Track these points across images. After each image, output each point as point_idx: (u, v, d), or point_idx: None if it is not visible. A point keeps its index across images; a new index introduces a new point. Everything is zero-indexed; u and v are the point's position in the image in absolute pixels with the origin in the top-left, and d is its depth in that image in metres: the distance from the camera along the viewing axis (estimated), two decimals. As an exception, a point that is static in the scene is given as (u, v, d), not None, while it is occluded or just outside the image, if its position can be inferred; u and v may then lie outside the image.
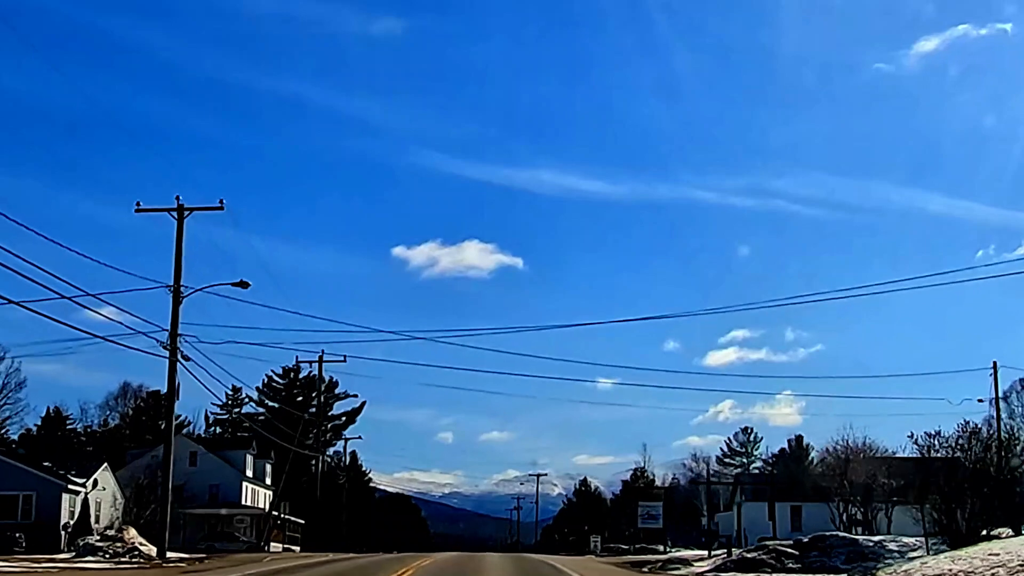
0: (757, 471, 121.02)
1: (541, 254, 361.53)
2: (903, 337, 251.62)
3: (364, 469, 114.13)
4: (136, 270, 73.54)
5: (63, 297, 31.16)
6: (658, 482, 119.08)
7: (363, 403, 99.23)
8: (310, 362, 75.38)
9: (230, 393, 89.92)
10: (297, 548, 76.84)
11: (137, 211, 41.56)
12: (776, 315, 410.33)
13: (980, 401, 60.76)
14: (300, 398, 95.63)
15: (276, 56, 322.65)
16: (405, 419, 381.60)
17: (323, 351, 72.34)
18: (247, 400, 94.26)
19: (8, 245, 26.83)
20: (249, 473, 78.26)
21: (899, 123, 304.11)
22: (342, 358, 71.40)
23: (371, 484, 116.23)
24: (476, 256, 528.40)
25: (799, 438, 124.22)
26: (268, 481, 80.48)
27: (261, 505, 78.23)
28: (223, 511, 72.84)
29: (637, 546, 74.80)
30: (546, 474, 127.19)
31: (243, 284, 41.18)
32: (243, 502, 75.82)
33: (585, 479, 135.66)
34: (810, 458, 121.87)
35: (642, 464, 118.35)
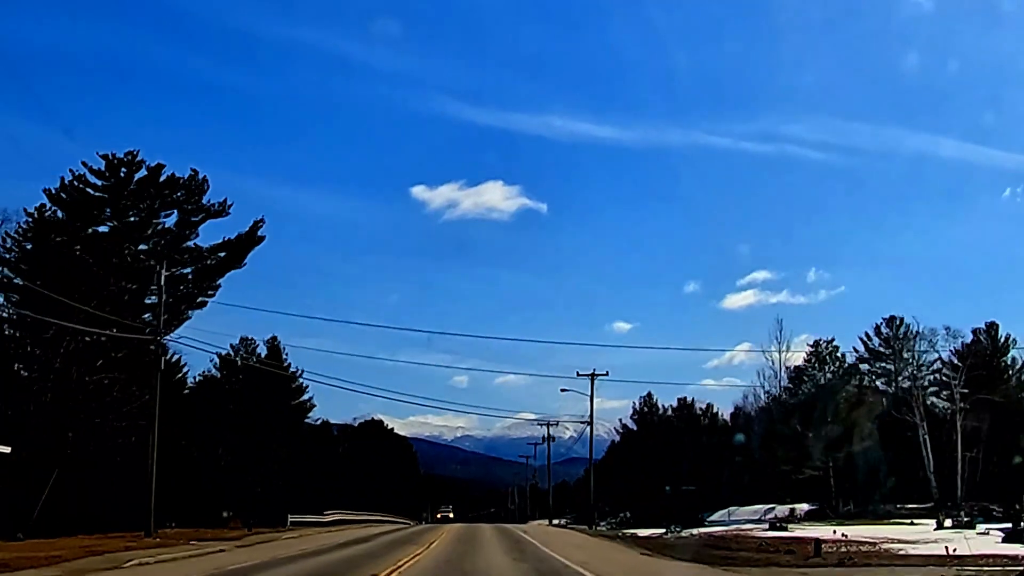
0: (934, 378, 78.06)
1: (561, 198, 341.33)
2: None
3: (293, 371, 69.42)
4: None
5: None
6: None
7: (256, 224, 53.20)
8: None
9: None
10: None
11: None
12: (798, 256, 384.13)
13: None
14: (133, 215, 49.90)
15: (283, 3, 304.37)
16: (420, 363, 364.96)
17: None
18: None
19: None
20: None
21: (923, 65, 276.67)
22: None
23: (304, 398, 71.33)
24: (498, 198, 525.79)
25: (992, 326, 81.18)
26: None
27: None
28: None
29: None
30: (604, 375, 76.32)
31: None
32: None
33: (649, 394, 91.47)
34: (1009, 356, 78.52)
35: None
